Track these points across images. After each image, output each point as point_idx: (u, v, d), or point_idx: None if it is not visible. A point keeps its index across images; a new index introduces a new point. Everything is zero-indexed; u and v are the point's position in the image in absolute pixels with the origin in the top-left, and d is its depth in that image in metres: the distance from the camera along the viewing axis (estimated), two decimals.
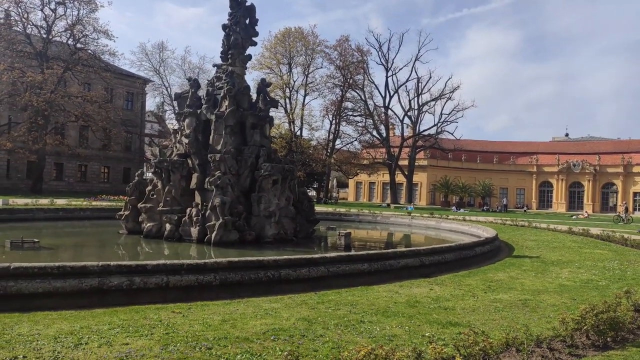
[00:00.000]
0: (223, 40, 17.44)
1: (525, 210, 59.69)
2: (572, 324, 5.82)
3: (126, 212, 16.93)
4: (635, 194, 63.38)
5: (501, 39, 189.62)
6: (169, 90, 60.91)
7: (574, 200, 68.15)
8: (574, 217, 48.06)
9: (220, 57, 17.66)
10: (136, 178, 17.81)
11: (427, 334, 6.03)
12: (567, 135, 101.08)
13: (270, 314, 6.88)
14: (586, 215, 51.91)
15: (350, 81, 59.07)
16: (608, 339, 5.87)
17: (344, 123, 61.59)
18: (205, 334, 5.73)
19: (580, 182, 67.85)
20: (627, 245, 18.40)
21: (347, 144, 63.60)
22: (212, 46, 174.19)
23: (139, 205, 16.44)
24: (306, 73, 58.08)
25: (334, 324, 6.40)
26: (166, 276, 7.82)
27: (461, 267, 12.01)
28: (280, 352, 5.13)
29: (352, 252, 11.14)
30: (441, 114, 63.95)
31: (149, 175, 47.10)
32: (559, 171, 68.27)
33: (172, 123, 67.18)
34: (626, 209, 45.82)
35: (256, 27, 17.89)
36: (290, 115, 56.09)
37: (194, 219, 15.09)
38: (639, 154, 65.17)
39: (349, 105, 61.74)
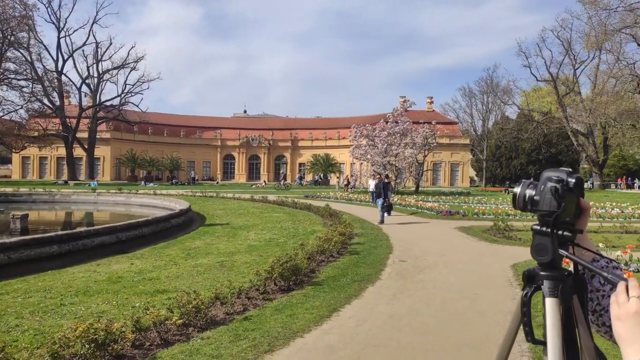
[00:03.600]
0: None
1: (217, 182, 63.35)
2: (264, 274, 6.82)
3: None
4: (300, 164, 74.91)
5: (184, 13, 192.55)
6: None
7: (253, 171, 76.11)
8: (253, 186, 54.03)
9: None
10: None
11: (137, 305, 6.07)
12: (245, 112, 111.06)
13: None
14: (264, 184, 58.93)
15: (12, 38, 50.11)
16: (291, 283, 7.12)
17: (4, 87, 52.12)
18: None
19: (258, 155, 76.09)
20: (297, 208, 22.01)
21: (10, 112, 54.13)
22: None
23: None
24: None
25: (29, 312, 5.75)
26: None
27: (159, 240, 12.24)
28: None
29: (38, 235, 9.91)
30: (125, 84, 61.32)
31: None
32: (240, 145, 74.84)
33: None
34: (284, 177, 58.35)
35: None
36: None
37: None
38: (304, 131, 77.21)
39: (11, 66, 52.48)
